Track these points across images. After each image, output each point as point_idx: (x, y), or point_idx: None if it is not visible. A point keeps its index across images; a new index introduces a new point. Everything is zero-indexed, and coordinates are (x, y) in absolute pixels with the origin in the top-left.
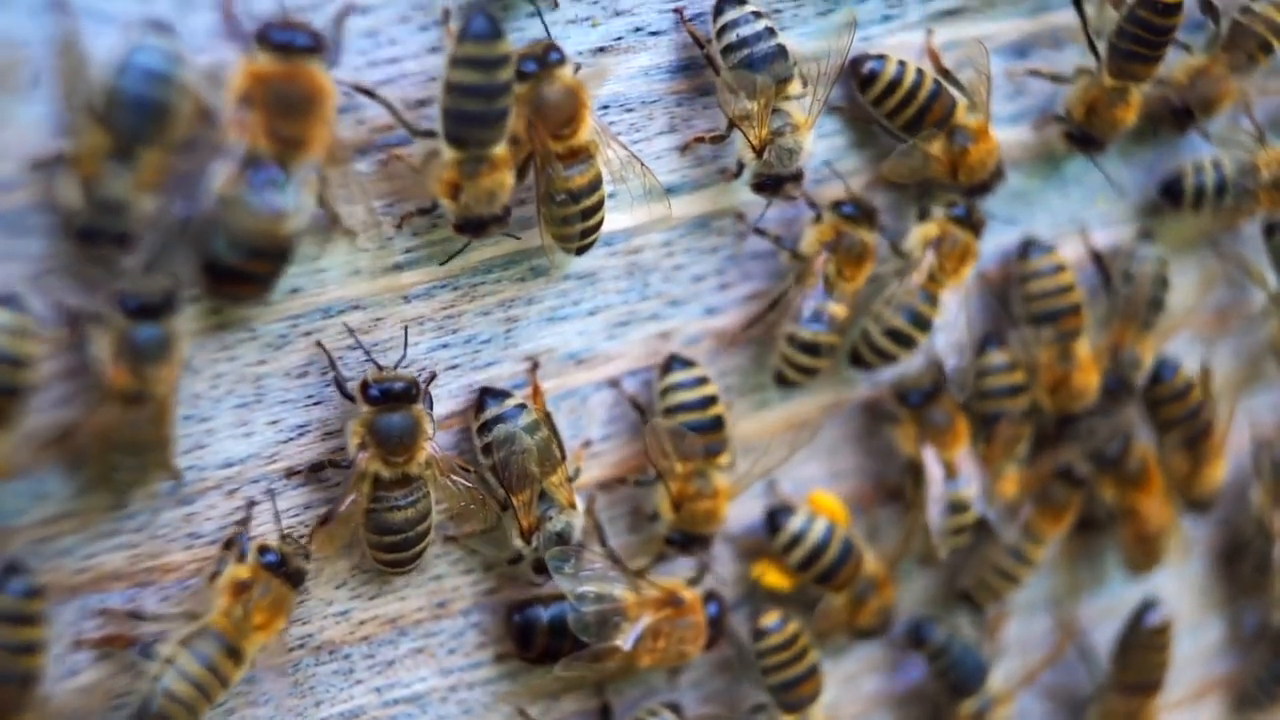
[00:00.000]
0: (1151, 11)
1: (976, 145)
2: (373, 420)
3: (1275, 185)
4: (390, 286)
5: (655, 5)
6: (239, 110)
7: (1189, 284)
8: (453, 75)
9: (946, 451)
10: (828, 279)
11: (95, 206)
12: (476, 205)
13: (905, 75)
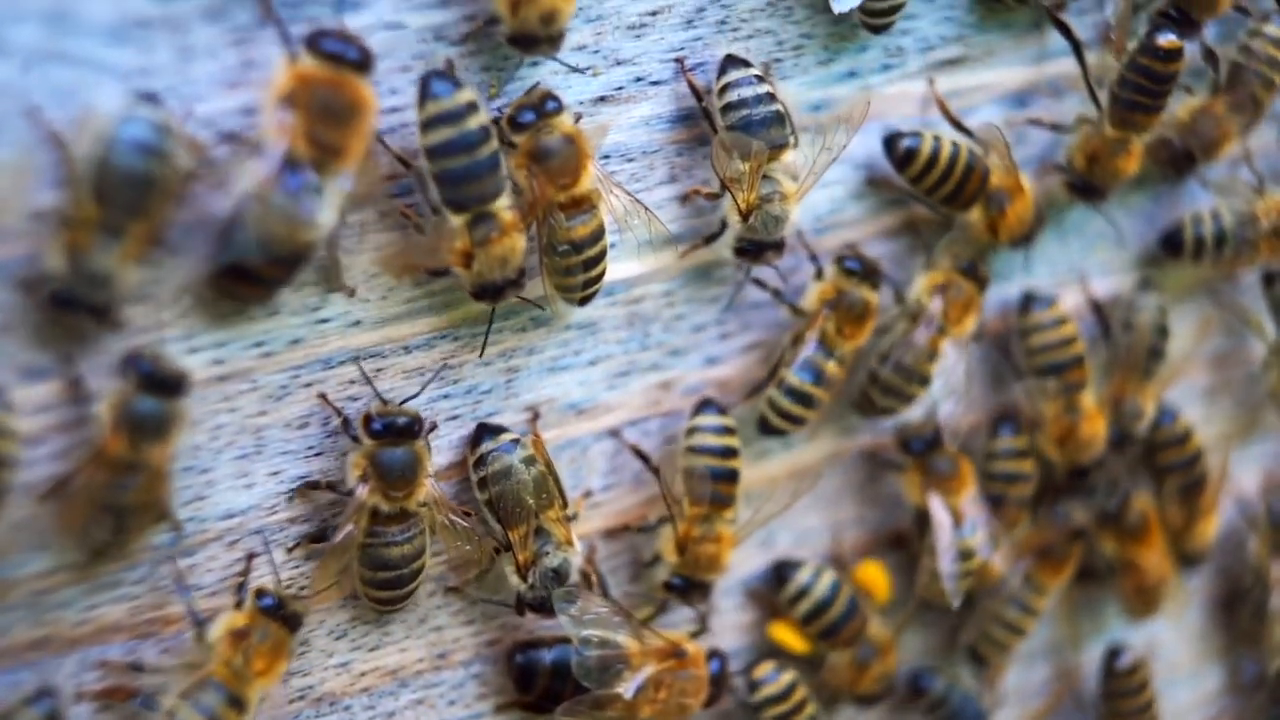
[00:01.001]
0: (1153, 59)
1: (1013, 204)
2: (375, 454)
3: (1275, 234)
4: (391, 337)
5: (656, 55)
6: (279, 111)
7: (1188, 331)
8: (426, 140)
9: (952, 498)
10: (826, 336)
11: (79, 276)
12: (490, 272)
13: (941, 151)
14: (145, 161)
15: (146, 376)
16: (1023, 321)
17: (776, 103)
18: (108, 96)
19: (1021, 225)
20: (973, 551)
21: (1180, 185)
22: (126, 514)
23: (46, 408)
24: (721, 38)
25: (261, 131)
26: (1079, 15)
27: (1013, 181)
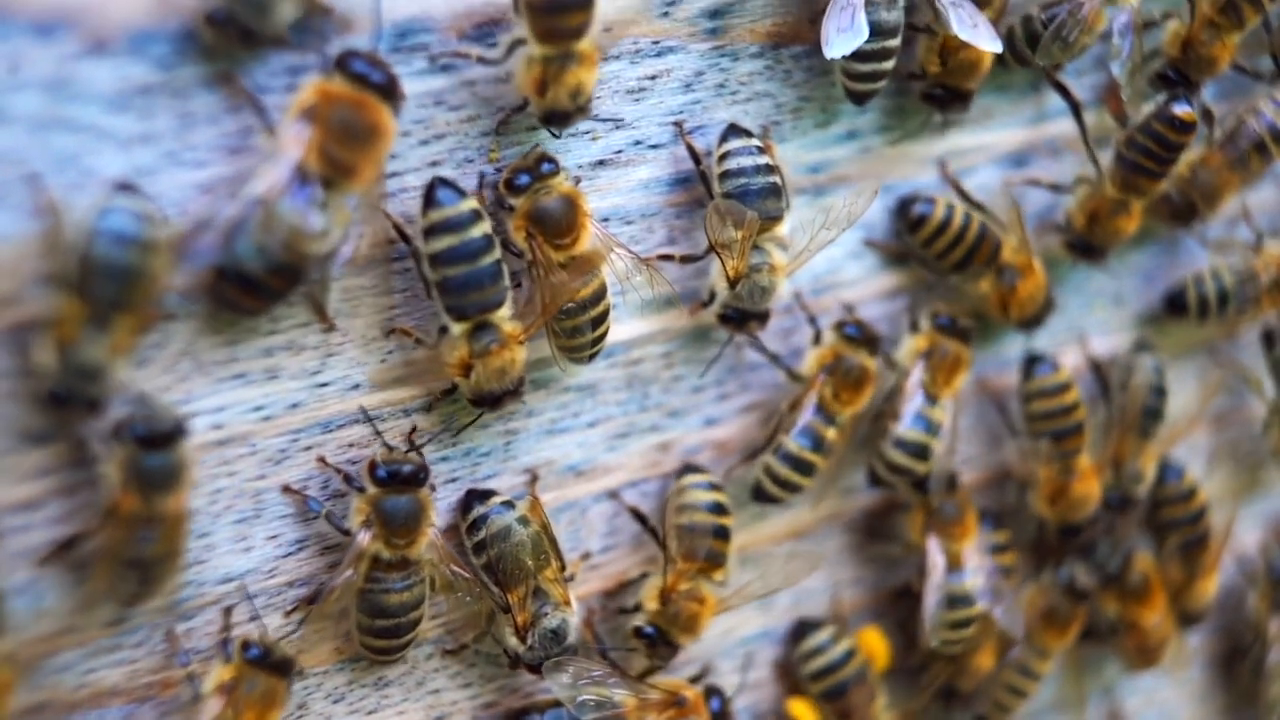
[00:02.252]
0: (1168, 127)
1: (1025, 281)
2: (378, 501)
3: (1275, 288)
4: (390, 400)
5: (655, 119)
6: (298, 123)
7: (1189, 391)
8: (428, 247)
9: (954, 543)
10: (824, 401)
11: (70, 371)
12: (488, 383)
13: (954, 217)
14: (127, 252)
15: (143, 437)
16: (1025, 386)
17: (775, 174)
18: (105, 165)
19: (1032, 304)
20: (970, 598)
21: (1178, 244)
22: (151, 565)
23: (46, 472)
24: (720, 101)
25: (278, 141)
26: (1076, 76)
27: (1025, 260)
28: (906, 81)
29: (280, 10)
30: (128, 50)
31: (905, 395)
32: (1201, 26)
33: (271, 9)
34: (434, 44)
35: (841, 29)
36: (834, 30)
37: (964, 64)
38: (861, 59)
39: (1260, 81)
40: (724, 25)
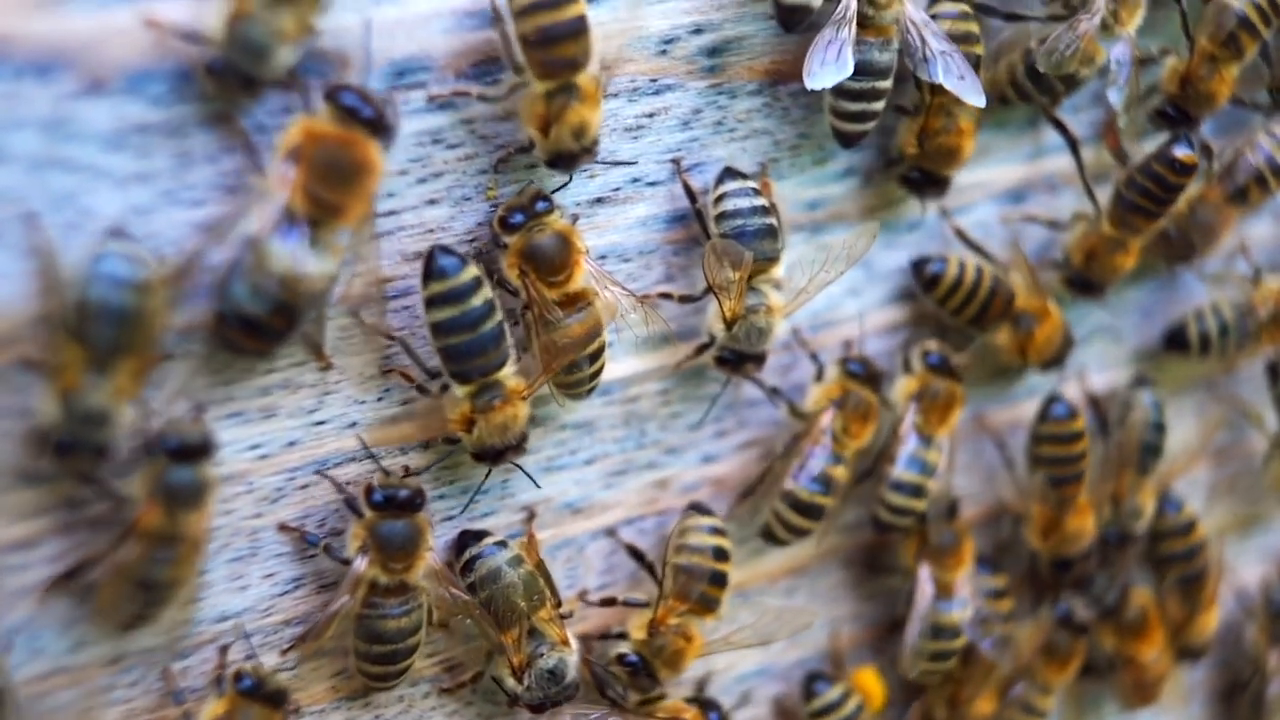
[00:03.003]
0: (1168, 169)
1: (1042, 326)
2: (375, 525)
3: (1274, 323)
4: (386, 439)
5: (653, 156)
6: (284, 163)
7: (1188, 426)
8: (431, 317)
9: (946, 573)
10: (835, 436)
11: (74, 419)
12: (490, 438)
13: (966, 275)
14: (123, 296)
15: (176, 449)
16: (1039, 426)
17: (771, 216)
18: (102, 203)
19: (1050, 347)
20: (955, 630)
21: (1176, 279)
22: (161, 588)
23: (42, 511)
24: (718, 138)
25: (265, 182)
26: (1074, 113)
27: (1039, 304)
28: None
29: (279, 56)
30: (125, 90)
31: (900, 439)
32: (1200, 61)
33: (270, 55)
34: (432, 82)
35: (825, 62)
36: (818, 63)
37: (942, 149)
38: (850, 98)
39: (1259, 113)
40: (722, 63)
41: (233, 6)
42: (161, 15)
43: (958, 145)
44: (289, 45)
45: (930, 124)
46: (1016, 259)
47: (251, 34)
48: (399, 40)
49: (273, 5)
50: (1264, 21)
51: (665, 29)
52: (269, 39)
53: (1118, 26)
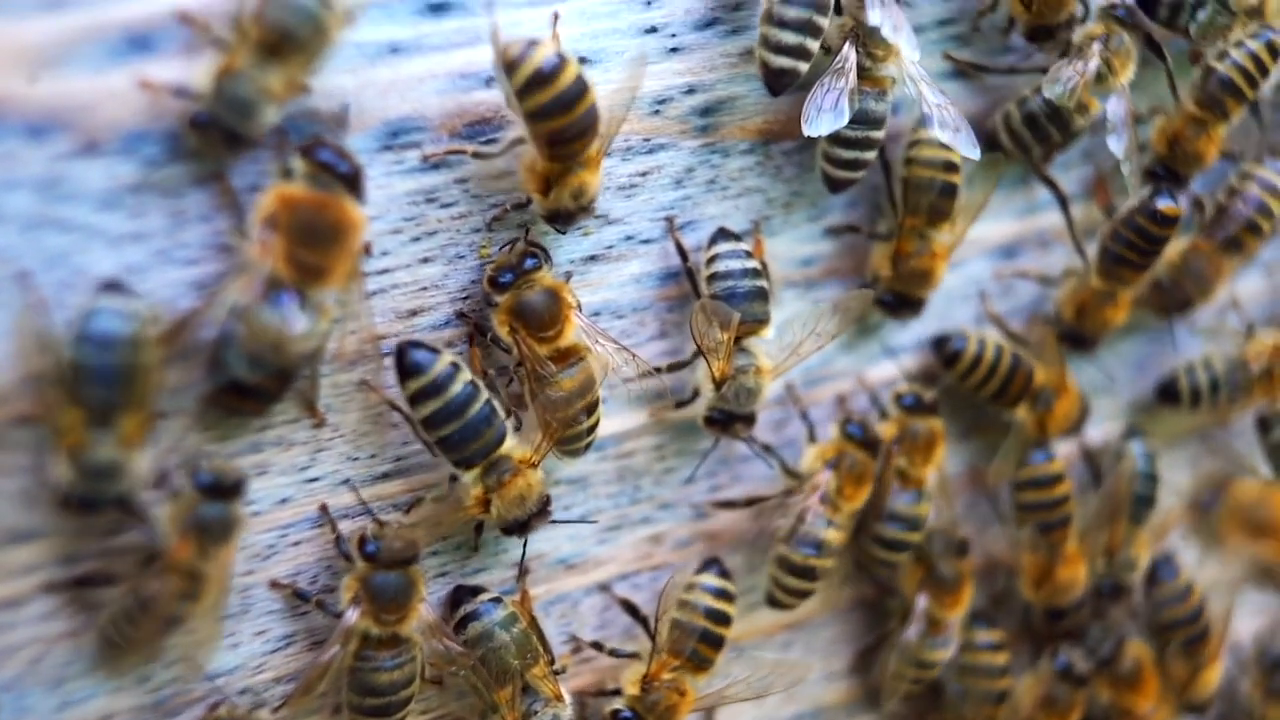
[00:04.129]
0: (1150, 221)
1: (1060, 401)
2: (368, 577)
3: (1267, 377)
4: (380, 495)
5: (646, 214)
6: (263, 231)
7: (1182, 479)
8: (417, 413)
9: (942, 610)
10: (828, 497)
11: (88, 476)
12: (510, 511)
13: (986, 352)
14: (118, 354)
15: (209, 486)
16: (1018, 473)
17: (762, 278)
18: (96, 263)
19: (1069, 420)
20: (932, 665)
21: (1167, 332)
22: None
23: (32, 569)
24: (711, 197)
25: (247, 251)
26: (1064, 170)
27: (1058, 378)
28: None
29: (265, 114)
30: (119, 150)
31: (885, 488)
32: (1186, 122)
33: (256, 113)
34: (426, 142)
35: (824, 109)
36: (815, 109)
37: (916, 271)
38: (844, 145)
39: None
40: (714, 123)
41: (222, 62)
42: (155, 77)
43: (931, 268)
44: (276, 104)
45: (903, 248)
46: (1041, 336)
47: (239, 91)
48: (393, 101)
49: (262, 63)
50: (1249, 84)
51: (658, 89)
52: (256, 96)
53: (1112, 76)
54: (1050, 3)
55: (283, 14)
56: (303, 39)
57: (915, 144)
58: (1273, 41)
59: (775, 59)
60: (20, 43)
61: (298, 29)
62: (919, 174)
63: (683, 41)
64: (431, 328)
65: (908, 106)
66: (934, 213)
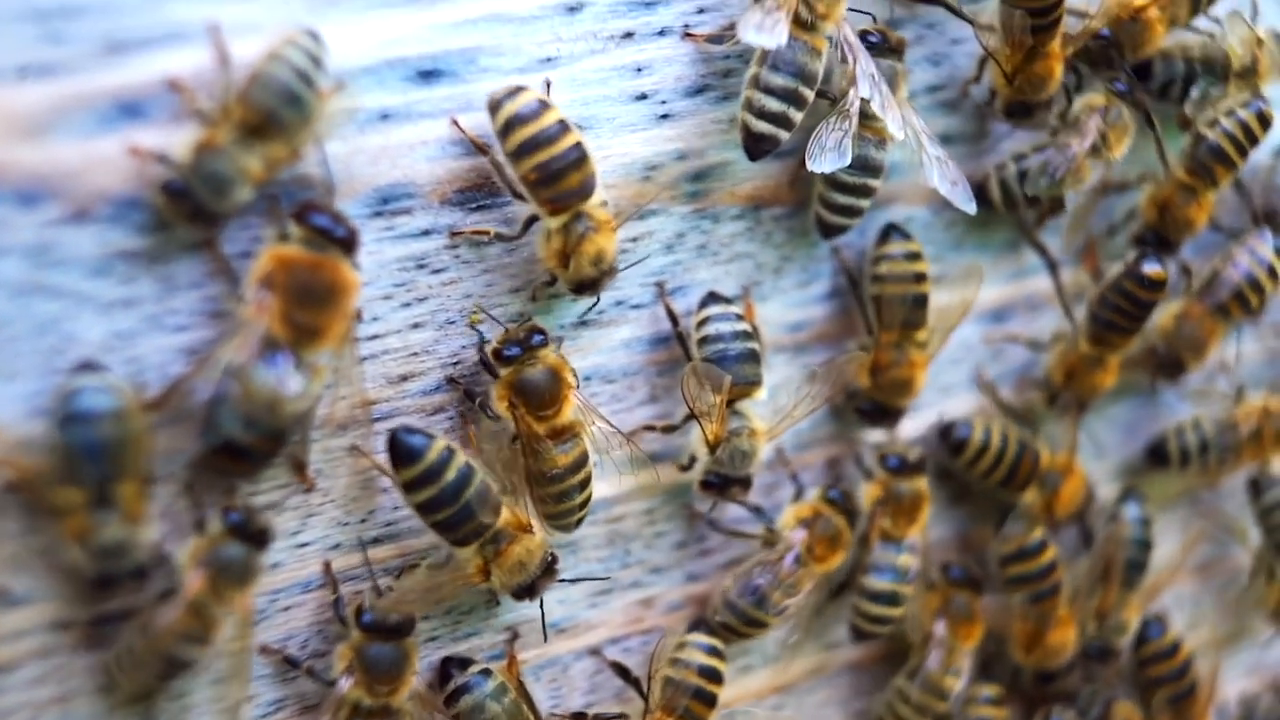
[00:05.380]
0: (1137, 285)
1: (1066, 484)
2: (362, 647)
3: (1255, 439)
4: (371, 560)
5: (637, 279)
6: (259, 291)
7: (1172, 541)
8: (411, 499)
9: (957, 640)
10: (799, 556)
11: (99, 557)
12: (512, 579)
13: (992, 438)
14: (104, 428)
15: (238, 526)
16: (999, 549)
17: (753, 340)
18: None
19: (1075, 503)
20: (945, 695)
21: (1157, 396)
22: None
23: (22, 634)
24: (701, 262)
25: (242, 311)
26: (1054, 234)
27: (1064, 461)
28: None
29: (237, 194)
30: (110, 217)
31: (871, 547)
32: (1176, 189)
33: (229, 192)
34: (416, 209)
35: (827, 148)
36: (819, 147)
37: (895, 381)
38: (841, 190)
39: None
40: (705, 188)
41: (204, 135)
42: (145, 144)
43: (910, 377)
44: (251, 184)
45: (881, 359)
46: (1068, 422)
47: (217, 167)
48: (383, 167)
49: (243, 142)
50: (1239, 152)
51: (649, 155)
52: (233, 175)
53: (1106, 150)
54: (1033, 80)
55: (268, 97)
56: (286, 123)
57: (879, 260)
58: (1263, 111)
59: (757, 124)
60: (11, 109)
61: (282, 113)
62: (889, 291)
63: (673, 108)
64: (421, 393)
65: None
66: (908, 325)
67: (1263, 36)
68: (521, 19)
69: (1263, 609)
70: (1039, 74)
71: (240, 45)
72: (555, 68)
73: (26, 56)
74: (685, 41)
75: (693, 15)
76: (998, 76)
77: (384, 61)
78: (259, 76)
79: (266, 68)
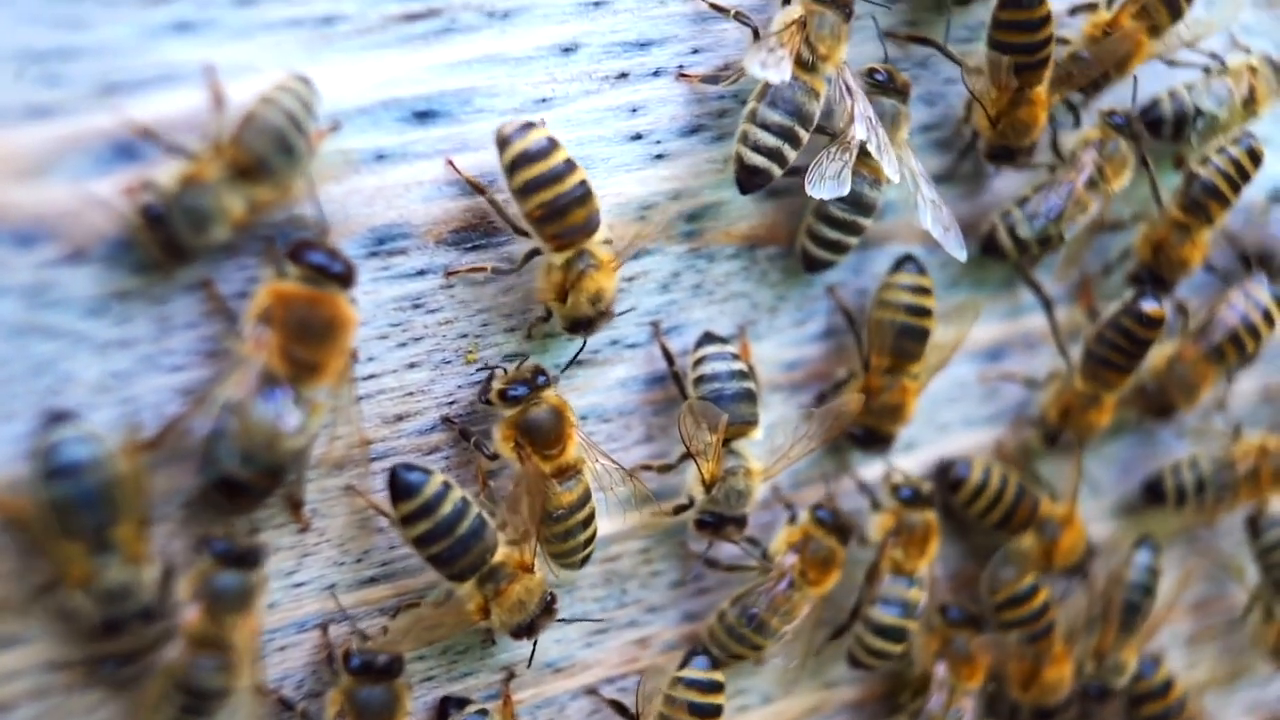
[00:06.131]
0: (1135, 323)
1: (1066, 534)
2: (352, 691)
3: (1253, 478)
4: (365, 600)
5: (633, 319)
6: (257, 327)
7: (1170, 579)
8: (408, 533)
9: (960, 680)
10: (793, 581)
11: (104, 604)
12: (513, 617)
13: (991, 479)
14: (90, 476)
15: (224, 554)
16: (991, 597)
17: (748, 380)
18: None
19: (1074, 554)
20: None
21: (1154, 434)
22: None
23: (18, 674)
24: (697, 301)
25: (241, 347)
26: (1048, 272)
27: (1065, 511)
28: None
29: (215, 232)
30: (106, 257)
31: (880, 577)
32: (1170, 228)
33: (208, 229)
34: (412, 249)
35: (826, 176)
36: (819, 174)
37: (886, 406)
38: (830, 224)
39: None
40: (700, 228)
41: (192, 168)
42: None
43: (901, 402)
44: (229, 226)
45: (873, 384)
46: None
47: (199, 202)
48: (379, 208)
49: (230, 182)
50: (1232, 189)
51: (644, 195)
52: (214, 212)
53: (1104, 183)
54: (1017, 126)
55: (260, 140)
56: (275, 167)
57: (889, 286)
58: (1253, 147)
59: (752, 156)
60: (8, 151)
61: (272, 157)
62: (890, 318)
63: (668, 148)
64: (417, 432)
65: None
66: (905, 356)
67: (1256, 64)
68: (517, 60)
69: (1261, 647)
70: (1023, 119)
71: (236, 87)
72: (550, 108)
73: (24, 98)
74: (680, 82)
75: (687, 56)
76: (982, 120)
77: (380, 102)
78: (252, 119)
79: (259, 111)
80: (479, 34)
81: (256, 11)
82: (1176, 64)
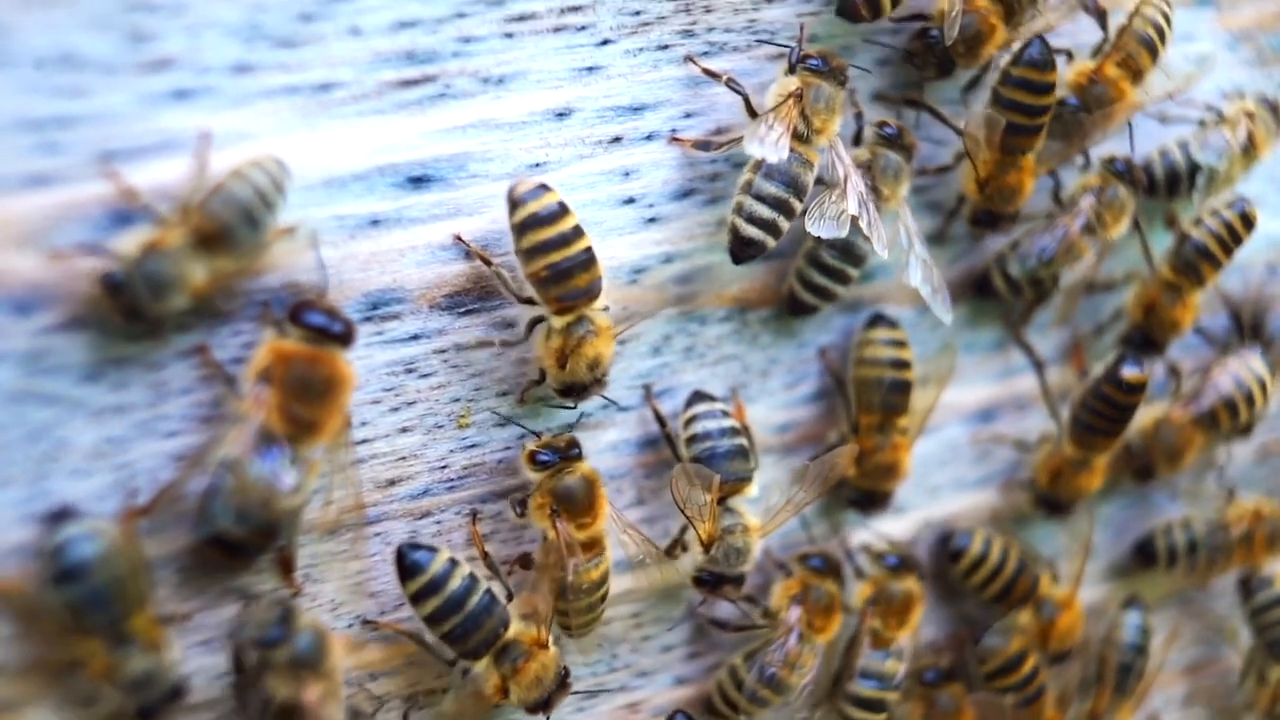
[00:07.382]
0: (1116, 389)
1: (1064, 615)
2: None
3: (1246, 541)
4: (361, 663)
5: (624, 381)
6: (256, 385)
7: (1158, 641)
8: (419, 610)
9: None
10: (800, 633)
11: (132, 693)
12: (530, 695)
13: (991, 551)
14: (99, 573)
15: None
16: (979, 669)
17: (741, 436)
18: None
19: (1070, 638)
20: None
21: (1148, 496)
22: None
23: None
24: (688, 364)
25: (239, 404)
26: (1040, 333)
27: (1066, 595)
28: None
29: (175, 301)
30: (101, 324)
31: (859, 648)
32: (1161, 289)
33: (166, 296)
34: (406, 314)
35: (827, 216)
36: (819, 214)
37: (880, 466)
38: (819, 270)
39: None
40: (691, 291)
41: (155, 235)
42: None
43: (895, 460)
44: (189, 295)
45: (865, 444)
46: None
47: (160, 269)
48: (373, 273)
49: (192, 250)
50: (1224, 251)
51: (636, 258)
52: (174, 280)
53: (1101, 230)
54: (1004, 191)
55: (226, 211)
56: (239, 240)
57: (864, 344)
58: (1246, 211)
59: (746, 228)
60: (6, 219)
61: (237, 229)
62: (871, 374)
63: (660, 211)
64: (409, 497)
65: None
66: (891, 410)
67: (1252, 108)
68: (511, 125)
69: (1255, 711)
70: (1010, 185)
71: (231, 155)
72: (544, 172)
73: (22, 166)
74: (672, 146)
75: (679, 120)
76: (969, 183)
77: (375, 168)
78: (220, 189)
79: (229, 183)
80: (474, 100)
81: (254, 79)
82: (1169, 119)
